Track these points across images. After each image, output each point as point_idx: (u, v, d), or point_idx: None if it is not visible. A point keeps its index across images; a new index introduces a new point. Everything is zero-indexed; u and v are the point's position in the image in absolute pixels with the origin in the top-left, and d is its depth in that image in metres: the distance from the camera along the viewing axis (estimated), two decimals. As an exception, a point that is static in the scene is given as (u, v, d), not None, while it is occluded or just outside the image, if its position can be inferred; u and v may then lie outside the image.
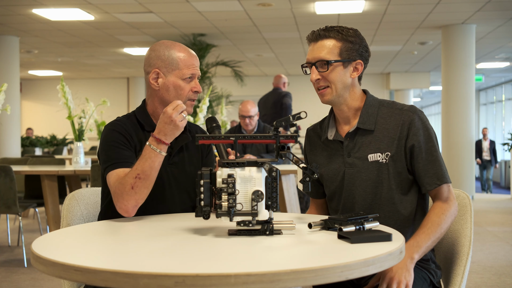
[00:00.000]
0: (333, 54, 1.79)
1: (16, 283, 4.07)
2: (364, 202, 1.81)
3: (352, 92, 1.84)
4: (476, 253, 5.04)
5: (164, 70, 1.94)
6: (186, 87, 1.94)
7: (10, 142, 9.62)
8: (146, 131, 1.97)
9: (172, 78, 1.94)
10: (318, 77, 1.80)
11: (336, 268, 1.13)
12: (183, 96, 1.94)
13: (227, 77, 12.50)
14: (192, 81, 1.96)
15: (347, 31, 1.81)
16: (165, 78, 1.94)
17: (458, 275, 1.79)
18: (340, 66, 1.79)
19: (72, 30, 9.49)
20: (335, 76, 1.79)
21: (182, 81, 1.94)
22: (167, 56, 1.94)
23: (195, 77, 1.97)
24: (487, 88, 17.87)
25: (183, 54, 1.95)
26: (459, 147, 9.07)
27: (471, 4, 7.77)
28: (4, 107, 4.30)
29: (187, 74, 1.93)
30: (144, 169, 1.78)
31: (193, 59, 1.96)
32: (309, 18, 8.58)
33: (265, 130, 5.32)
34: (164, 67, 1.94)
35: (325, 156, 1.90)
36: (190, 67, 1.94)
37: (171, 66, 1.94)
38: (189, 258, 1.24)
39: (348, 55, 1.80)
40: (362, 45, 1.83)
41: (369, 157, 1.79)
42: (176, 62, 1.94)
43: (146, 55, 2.00)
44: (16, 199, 4.36)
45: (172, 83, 1.94)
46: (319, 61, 1.79)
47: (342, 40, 1.80)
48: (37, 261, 1.25)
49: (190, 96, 1.96)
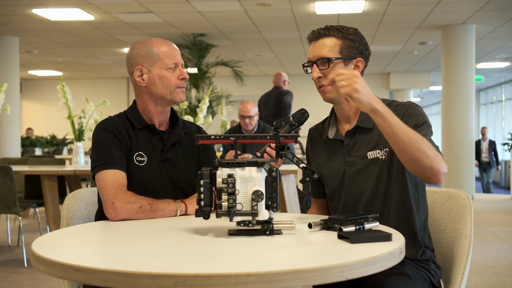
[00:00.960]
0: (334, 52, 1.80)
1: (16, 283, 4.07)
2: (365, 200, 1.81)
3: None
4: (476, 253, 5.04)
5: (146, 65, 1.97)
6: (172, 76, 1.96)
7: (10, 142, 9.62)
8: (136, 129, 1.98)
9: (156, 70, 1.96)
10: (319, 75, 1.81)
11: (336, 268, 1.13)
12: (170, 85, 1.96)
13: (227, 77, 12.50)
14: (177, 69, 1.98)
15: (347, 29, 1.83)
16: (149, 72, 1.96)
17: (458, 275, 1.79)
18: (341, 63, 1.80)
19: (72, 30, 9.49)
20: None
21: (166, 71, 1.96)
22: (146, 51, 1.97)
23: (179, 65, 1.99)
24: (487, 88, 17.87)
25: (162, 46, 1.97)
26: (459, 147, 9.07)
27: (471, 4, 7.77)
28: (4, 107, 4.30)
29: (169, 63, 1.96)
30: (159, 207, 1.81)
31: (173, 48, 1.99)
32: (309, 18, 8.59)
33: (265, 130, 5.32)
34: (146, 62, 1.97)
35: (326, 155, 1.90)
36: (172, 56, 1.97)
37: (152, 59, 1.96)
38: (189, 258, 1.24)
39: (349, 52, 1.81)
40: (362, 43, 1.84)
41: (369, 154, 1.80)
42: (157, 54, 1.96)
43: (126, 57, 2.03)
44: (16, 199, 4.36)
45: (157, 75, 1.96)
46: (320, 59, 1.80)
47: (342, 38, 1.81)
48: (37, 261, 1.25)
49: (178, 84, 1.98)
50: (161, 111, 2.00)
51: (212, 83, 10.67)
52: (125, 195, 1.80)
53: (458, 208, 1.91)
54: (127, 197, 1.79)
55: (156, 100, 1.98)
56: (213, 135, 1.52)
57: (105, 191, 1.81)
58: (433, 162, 1.58)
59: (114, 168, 1.86)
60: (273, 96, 7.25)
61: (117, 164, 1.87)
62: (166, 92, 1.96)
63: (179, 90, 1.98)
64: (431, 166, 1.58)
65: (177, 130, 2.02)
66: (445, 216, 1.95)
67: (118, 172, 1.86)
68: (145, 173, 1.93)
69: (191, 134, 2.07)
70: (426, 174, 1.60)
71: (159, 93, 1.96)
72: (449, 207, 1.94)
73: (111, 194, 1.79)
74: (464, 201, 1.90)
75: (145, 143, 1.97)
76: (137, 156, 1.93)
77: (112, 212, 1.77)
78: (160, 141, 1.99)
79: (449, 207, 1.94)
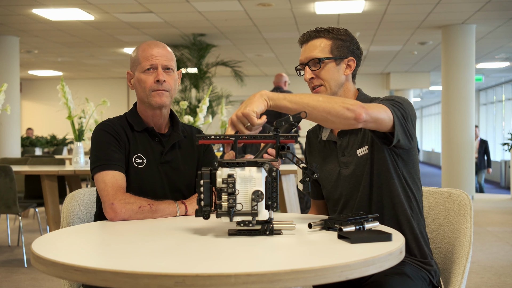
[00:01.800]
0: (325, 52, 1.82)
1: (16, 283, 4.07)
2: (361, 205, 1.81)
3: (346, 89, 1.87)
4: (476, 253, 5.04)
5: (133, 70, 2.00)
6: (148, 79, 1.94)
7: (10, 142, 9.62)
8: (136, 131, 1.98)
9: (137, 74, 1.98)
10: (311, 75, 1.83)
11: (336, 268, 1.13)
12: (146, 88, 1.95)
13: (227, 77, 12.50)
14: (154, 72, 1.95)
15: (337, 30, 1.85)
16: (134, 76, 1.99)
17: (458, 275, 1.79)
18: (332, 63, 1.82)
19: (72, 30, 9.49)
20: (328, 74, 1.82)
21: (143, 74, 1.96)
22: (134, 55, 2.00)
23: (158, 67, 1.94)
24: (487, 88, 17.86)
25: (144, 49, 1.97)
26: (459, 147, 9.07)
27: (471, 4, 7.77)
28: (4, 107, 4.30)
29: (146, 65, 1.95)
30: (159, 207, 1.81)
31: (153, 50, 1.95)
32: (309, 18, 8.58)
33: (265, 130, 5.32)
34: (132, 66, 2.00)
35: (322, 157, 1.92)
36: (149, 58, 1.95)
37: (135, 63, 1.98)
38: (189, 258, 1.24)
39: (339, 52, 1.83)
40: (353, 42, 1.86)
41: (358, 152, 1.82)
42: (137, 58, 1.97)
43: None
44: (16, 199, 4.36)
45: (137, 79, 1.98)
46: (311, 60, 1.83)
47: (332, 38, 1.83)
48: (37, 261, 1.25)
49: (153, 87, 1.94)
50: (152, 115, 2.00)
51: (212, 83, 10.67)
52: (124, 195, 1.80)
53: (458, 208, 1.91)
54: (126, 197, 1.79)
55: (143, 103, 1.99)
56: (213, 135, 1.52)
57: (104, 192, 1.81)
58: (344, 104, 1.56)
59: (113, 169, 1.86)
60: None
61: (116, 165, 1.87)
62: (144, 96, 1.96)
63: (154, 94, 1.94)
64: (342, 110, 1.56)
65: (176, 133, 2.02)
66: (445, 216, 1.95)
67: (117, 173, 1.86)
68: (144, 175, 1.93)
69: (190, 137, 2.07)
70: (347, 120, 1.57)
71: (140, 97, 1.98)
72: (449, 207, 1.94)
73: (110, 195, 1.79)
74: (464, 201, 1.90)
75: (144, 145, 1.97)
76: (136, 158, 1.93)
77: (111, 213, 1.77)
78: (159, 143, 1.99)
79: (449, 207, 1.94)
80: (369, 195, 1.79)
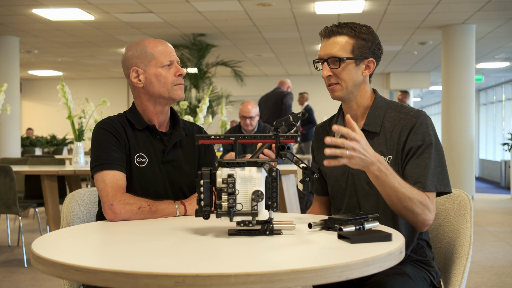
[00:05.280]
0: (346, 51, 1.77)
1: (16, 283, 4.07)
2: (366, 203, 1.80)
3: (362, 90, 1.83)
4: (476, 253, 5.04)
5: (142, 65, 1.96)
6: (168, 74, 1.96)
7: (10, 142, 9.61)
8: (137, 130, 1.97)
9: (152, 69, 1.95)
10: (329, 73, 1.79)
11: (336, 268, 1.13)
12: (167, 83, 1.95)
13: (227, 77, 12.49)
14: (173, 67, 1.97)
15: (360, 28, 1.80)
16: (145, 72, 1.96)
17: (458, 275, 1.79)
18: (352, 63, 1.78)
19: (72, 30, 9.49)
20: (347, 74, 1.78)
21: (162, 69, 1.95)
22: (140, 52, 1.97)
23: (174, 62, 1.98)
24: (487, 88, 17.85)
25: (155, 45, 1.97)
26: (459, 147, 9.07)
27: (471, 4, 7.76)
28: (4, 107, 4.30)
29: (165, 61, 1.95)
30: (158, 208, 1.81)
31: (166, 46, 1.99)
32: (309, 18, 8.58)
33: (265, 130, 5.32)
34: (141, 62, 1.96)
35: None
36: (166, 53, 1.96)
37: (147, 58, 1.96)
38: (189, 258, 1.24)
39: (361, 52, 1.79)
40: (375, 42, 1.81)
41: None
42: (151, 53, 1.96)
43: (122, 60, 2.03)
44: (16, 199, 4.36)
45: (153, 74, 1.95)
46: (331, 58, 1.78)
47: (355, 37, 1.78)
48: (37, 261, 1.25)
49: (175, 81, 1.97)
50: (161, 111, 1.99)
51: (212, 83, 10.67)
52: (123, 196, 1.79)
53: (458, 208, 1.91)
54: (126, 198, 1.79)
55: (155, 99, 1.97)
56: (213, 135, 1.52)
57: (103, 193, 1.80)
58: (417, 219, 1.67)
59: (113, 169, 1.85)
60: (273, 97, 7.28)
61: (116, 165, 1.86)
62: (164, 90, 1.95)
63: (177, 87, 1.97)
64: (415, 222, 1.69)
65: (178, 131, 2.01)
66: (445, 216, 1.95)
67: (117, 173, 1.85)
68: (146, 174, 1.92)
69: (192, 135, 2.06)
70: (412, 224, 1.73)
71: (157, 92, 1.95)
72: (449, 207, 1.94)
73: (110, 195, 1.79)
74: (464, 201, 1.90)
75: (145, 144, 1.96)
76: (138, 158, 1.93)
77: (111, 213, 1.77)
78: (161, 142, 1.98)
79: (449, 207, 1.94)
80: (376, 193, 1.78)
